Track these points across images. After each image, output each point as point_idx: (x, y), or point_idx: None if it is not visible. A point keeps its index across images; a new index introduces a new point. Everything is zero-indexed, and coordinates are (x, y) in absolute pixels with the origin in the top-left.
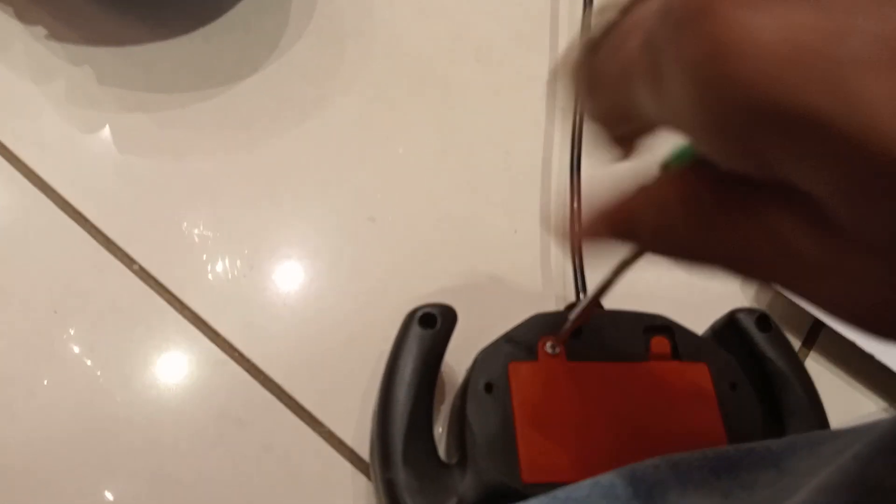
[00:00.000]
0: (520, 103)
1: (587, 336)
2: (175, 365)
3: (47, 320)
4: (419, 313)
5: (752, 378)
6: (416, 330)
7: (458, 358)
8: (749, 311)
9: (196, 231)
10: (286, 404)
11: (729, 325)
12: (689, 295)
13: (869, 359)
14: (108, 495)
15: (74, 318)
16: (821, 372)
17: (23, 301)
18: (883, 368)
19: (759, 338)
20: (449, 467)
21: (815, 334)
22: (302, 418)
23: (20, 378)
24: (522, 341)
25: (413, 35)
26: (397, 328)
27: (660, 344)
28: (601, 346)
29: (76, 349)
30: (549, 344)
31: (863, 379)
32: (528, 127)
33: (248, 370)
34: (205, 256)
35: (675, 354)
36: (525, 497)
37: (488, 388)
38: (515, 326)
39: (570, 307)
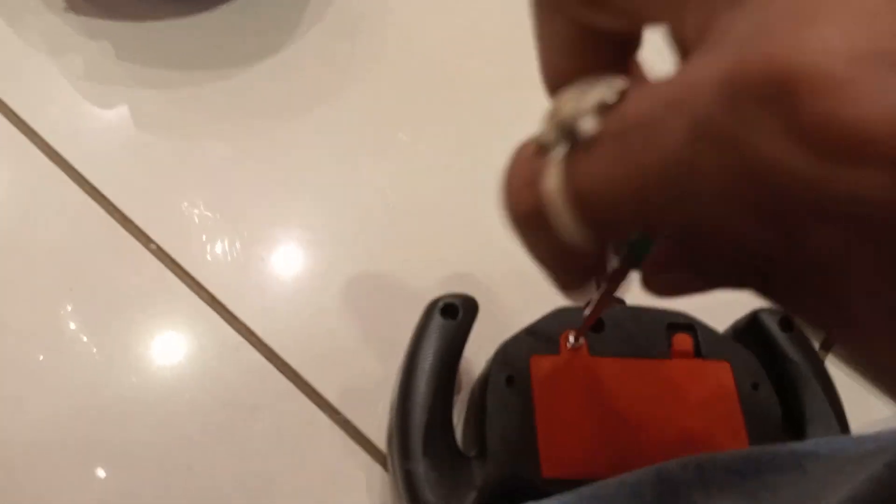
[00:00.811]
0: (534, 96)
1: (609, 331)
2: (190, 346)
3: (63, 296)
4: (441, 303)
5: (773, 378)
6: (437, 320)
7: (475, 349)
8: (771, 311)
9: (211, 214)
10: (301, 390)
11: (751, 325)
12: (711, 293)
13: None
14: (119, 477)
15: (90, 295)
16: (838, 374)
17: (38, 277)
18: None
19: (782, 338)
20: (468, 459)
21: (826, 350)
22: (317, 404)
23: (36, 354)
24: (544, 335)
25: (430, 25)
26: (414, 316)
27: (682, 341)
28: (623, 341)
29: (91, 327)
30: (571, 337)
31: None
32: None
33: (264, 354)
34: (221, 239)
35: (698, 352)
36: (544, 491)
37: (509, 381)
38: (537, 320)
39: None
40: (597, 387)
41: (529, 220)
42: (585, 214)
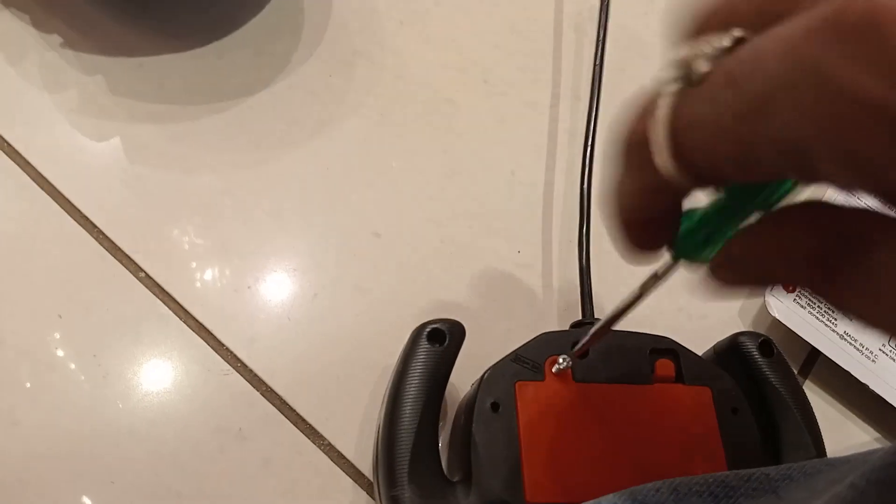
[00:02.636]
0: (523, 130)
1: (594, 357)
2: (178, 374)
3: (52, 324)
4: (428, 329)
5: (752, 402)
6: (424, 346)
7: (461, 372)
8: (752, 334)
9: (202, 242)
10: (287, 416)
11: (731, 348)
12: (690, 317)
13: (863, 389)
14: None
15: (79, 323)
16: (816, 401)
17: (29, 305)
18: (877, 399)
19: (761, 362)
20: (453, 485)
21: (811, 363)
22: (303, 431)
23: (23, 381)
24: (530, 360)
25: (420, 61)
26: (400, 343)
27: (665, 366)
28: (607, 367)
29: (80, 355)
30: (556, 363)
31: (857, 409)
32: (531, 152)
33: (250, 381)
34: (210, 268)
35: (679, 377)
36: None
37: (495, 407)
38: (523, 345)
39: (577, 325)
40: (580, 413)
41: (633, 148)
42: (683, 145)
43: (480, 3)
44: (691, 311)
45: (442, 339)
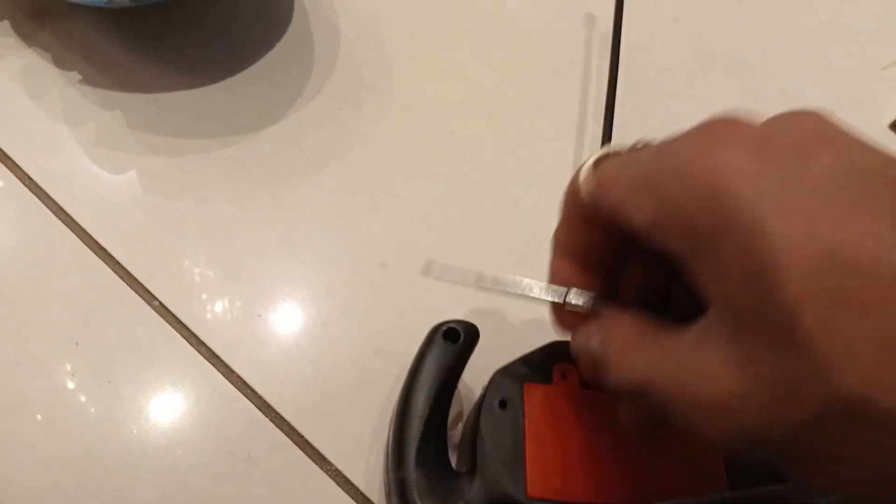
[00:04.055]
0: (527, 160)
1: None
2: (189, 400)
3: (69, 351)
4: (444, 328)
5: None
6: (439, 342)
7: (473, 377)
8: None
9: (214, 271)
10: (295, 442)
11: None
12: None
13: None
14: None
15: (95, 350)
16: None
17: (46, 331)
18: None
19: None
20: (459, 474)
21: None
22: (310, 456)
23: (39, 406)
24: (538, 364)
25: (426, 94)
26: (406, 371)
27: None
28: None
29: (95, 381)
30: (563, 369)
31: None
32: (535, 181)
33: (260, 408)
34: (221, 296)
35: None
36: None
37: (502, 404)
38: (532, 350)
39: None
40: (584, 418)
41: (570, 195)
42: (597, 185)
43: (485, 37)
44: None
45: (456, 337)
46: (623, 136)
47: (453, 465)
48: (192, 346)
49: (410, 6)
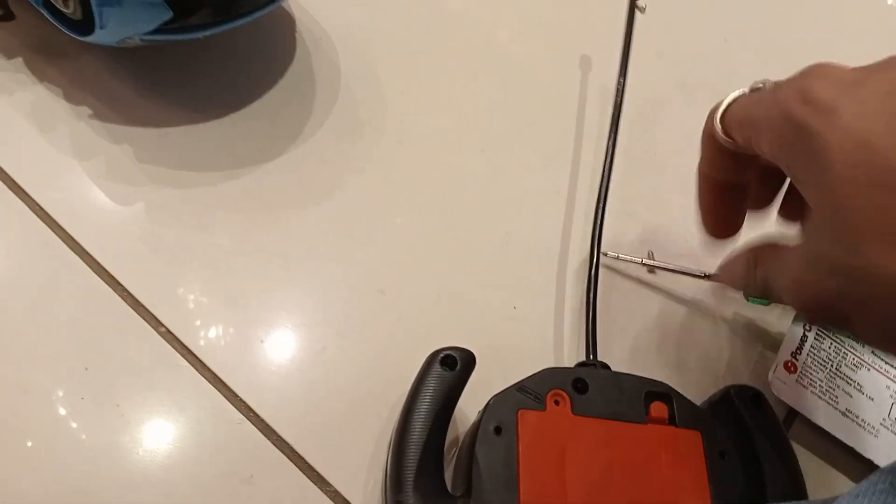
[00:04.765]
0: (517, 191)
1: (593, 393)
2: (193, 422)
3: (76, 374)
4: (441, 355)
5: (741, 449)
6: (437, 369)
7: (469, 401)
8: (744, 388)
9: (217, 300)
10: (296, 464)
11: (724, 400)
12: (690, 367)
13: (841, 446)
14: None
15: (102, 375)
16: (800, 451)
17: (55, 356)
18: (851, 452)
19: (751, 413)
20: (454, 498)
21: (790, 423)
22: (310, 478)
23: (46, 429)
24: (532, 391)
25: (419, 127)
26: (403, 395)
27: (659, 409)
28: (604, 404)
29: (101, 405)
30: (557, 396)
31: (833, 464)
32: (525, 212)
33: (261, 430)
34: (224, 322)
35: (672, 420)
36: None
37: (497, 430)
38: (527, 377)
39: (581, 365)
40: (577, 443)
41: (706, 133)
42: (729, 124)
43: (477, 72)
44: (692, 364)
45: (453, 364)
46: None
47: (449, 487)
48: (196, 370)
49: (406, 44)
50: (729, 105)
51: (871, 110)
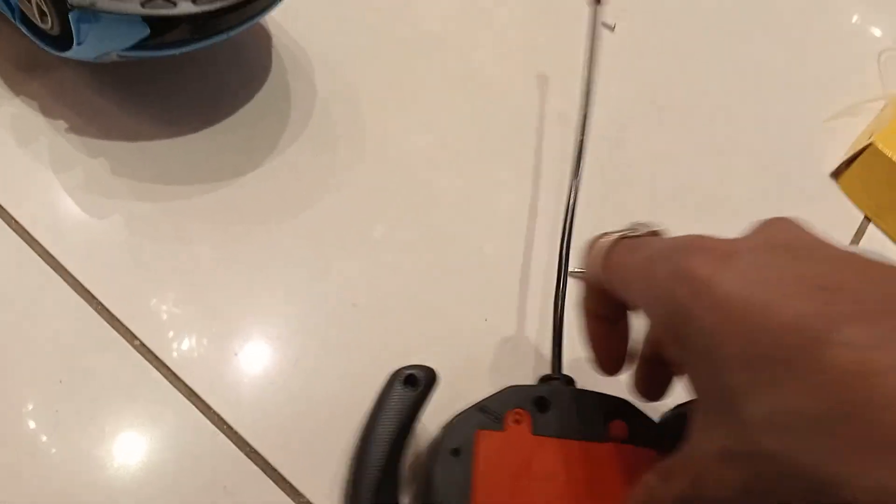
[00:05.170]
0: (490, 206)
1: (553, 412)
2: (169, 435)
3: (53, 390)
4: (404, 374)
5: None
6: (398, 389)
7: (430, 416)
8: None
9: (192, 312)
10: (269, 475)
11: (678, 417)
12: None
13: None
14: None
15: (79, 387)
16: None
17: (32, 370)
18: None
19: None
20: None
21: None
22: (284, 489)
23: (26, 442)
24: (493, 411)
25: (398, 143)
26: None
27: (618, 427)
28: (564, 423)
29: (79, 417)
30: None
31: None
32: (499, 227)
33: (235, 442)
34: (199, 335)
35: (631, 438)
36: None
37: (456, 452)
38: (488, 396)
39: (544, 379)
40: (534, 464)
41: (591, 275)
42: (606, 268)
43: (452, 93)
44: None
45: (415, 383)
46: (582, 181)
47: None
48: (170, 383)
49: (383, 63)
50: (611, 248)
51: (744, 279)
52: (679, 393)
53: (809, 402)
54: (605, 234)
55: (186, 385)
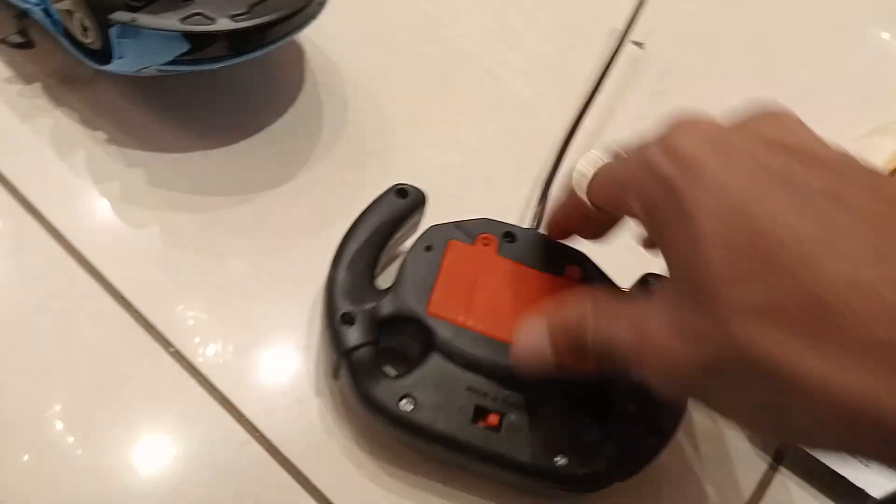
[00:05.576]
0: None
1: (518, 244)
2: (202, 442)
3: (90, 396)
4: (397, 187)
5: None
6: (389, 196)
7: None
8: (658, 276)
9: (227, 321)
10: (302, 485)
11: (640, 286)
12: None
13: (832, 474)
14: None
15: (115, 394)
16: (792, 487)
17: (71, 377)
18: (842, 481)
19: None
20: (378, 290)
21: (781, 451)
22: (315, 498)
23: (64, 447)
24: (466, 230)
25: (427, 161)
26: None
27: (573, 272)
28: (527, 255)
29: (115, 423)
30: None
31: (825, 492)
32: None
33: (267, 450)
34: (234, 344)
35: (584, 282)
36: (424, 326)
37: (428, 248)
38: (465, 220)
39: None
40: (492, 274)
41: (568, 198)
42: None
43: (480, 110)
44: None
45: (405, 195)
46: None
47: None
48: (205, 390)
49: (414, 80)
50: (595, 173)
51: (740, 170)
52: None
53: (792, 301)
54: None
55: (220, 392)
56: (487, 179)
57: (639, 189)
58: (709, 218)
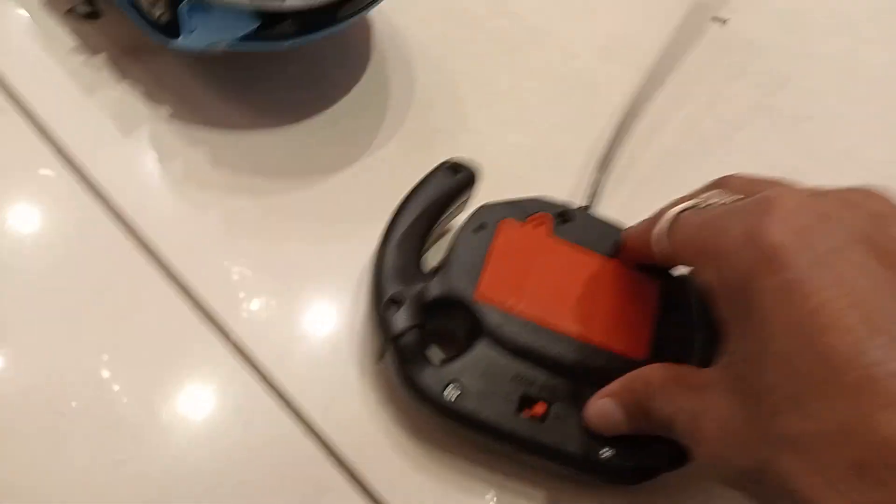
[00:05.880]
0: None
1: (573, 225)
2: (258, 437)
3: (147, 382)
4: (449, 162)
5: (698, 320)
6: (441, 172)
7: None
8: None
9: (288, 311)
10: (359, 482)
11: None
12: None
13: None
14: None
15: (172, 378)
16: None
17: (129, 359)
18: None
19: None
20: (426, 272)
21: None
22: (371, 494)
23: (128, 425)
24: (520, 208)
25: (497, 142)
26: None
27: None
28: (580, 237)
29: (171, 408)
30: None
31: None
32: None
33: (322, 446)
34: (292, 336)
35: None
36: (471, 311)
37: (479, 228)
38: (520, 198)
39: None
40: (545, 256)
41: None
42: (671, 244)
43: (553, 90)
44: None
45: (458, 170)
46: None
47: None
48: (259, 382)
49: (485, 58)
50: (676, 217)
51: (826, 277)
52: None
53: (839, 456)
54: (671, 204)
55: (277, 388)
56: (554, 164)
57: (718, 264)
58: (782, 331)
